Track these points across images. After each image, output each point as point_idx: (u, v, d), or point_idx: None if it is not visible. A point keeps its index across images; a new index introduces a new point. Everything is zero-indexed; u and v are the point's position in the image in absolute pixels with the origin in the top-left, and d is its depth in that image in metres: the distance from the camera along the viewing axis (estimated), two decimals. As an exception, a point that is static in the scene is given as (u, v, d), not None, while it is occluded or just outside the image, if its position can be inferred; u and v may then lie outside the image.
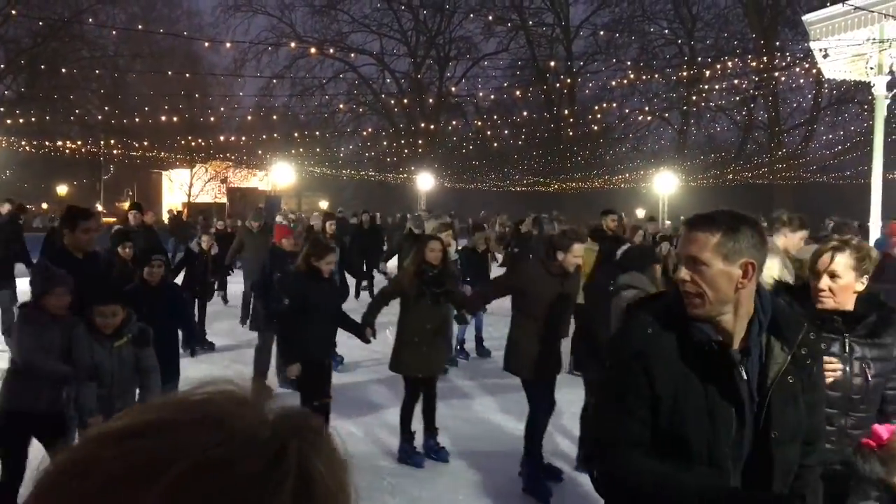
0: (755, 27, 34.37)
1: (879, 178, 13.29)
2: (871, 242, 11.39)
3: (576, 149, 30.88)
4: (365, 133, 36.74)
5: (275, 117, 27.18)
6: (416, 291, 5.32)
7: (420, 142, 30.24)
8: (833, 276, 2.74)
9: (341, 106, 36.88)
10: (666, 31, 38.96)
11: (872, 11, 11.10)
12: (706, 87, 22.84)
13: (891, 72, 13.16)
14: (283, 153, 29.68)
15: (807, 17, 13.81)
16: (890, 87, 13.57)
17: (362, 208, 18.17)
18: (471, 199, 39.80)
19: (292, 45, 31.61)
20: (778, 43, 25.57)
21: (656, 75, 24.47)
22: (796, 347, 1.88)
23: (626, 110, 32.88)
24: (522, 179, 34.01)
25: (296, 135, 27.88)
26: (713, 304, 1.82)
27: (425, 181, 31.84)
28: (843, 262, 2.74)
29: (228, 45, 18.38)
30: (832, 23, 12.76)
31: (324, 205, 31.93)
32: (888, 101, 14.24)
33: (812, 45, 13.71)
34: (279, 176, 27.19)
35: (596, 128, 25.32)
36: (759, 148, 33.61)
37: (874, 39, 12.32)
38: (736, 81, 22.77)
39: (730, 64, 19.32)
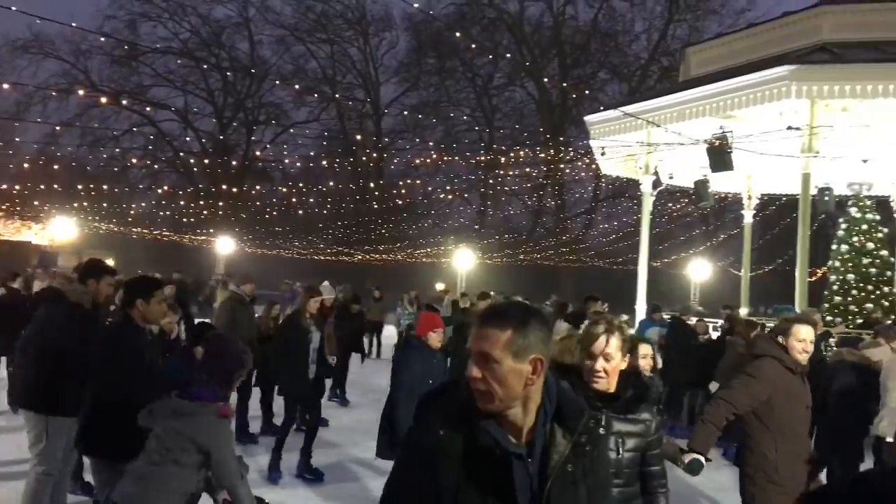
0: (545, 122, 37.74)
1: (645, 265, 14.91)
2: (637, 323, 12.65)
3: (381, 221, 31.48)
4: (161, 191, 34.82)
5: (56, 167, 24.91)
6: None
7: (221, 204, 29.20)
8: (607, 358, 2.88)
9: (134, 160, 34.79)
10: (467, 118, 41.58)
11: (640, 118, 12.56)
12: (502, 172, 24.57)
13: (655, 172, 14.96)
14: (64, 206, 27.20)
15: (588, 118, 15.44)
16: (655, 185, 15.39)
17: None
18: (272, 266, 38.81)
19: (81, 92, 29.49)
20: (561, 138, 28.24)
21: (456, 157, 25.85)
22: (577, 435, 1.88)
23: (430, 188, 34.31)
24: (327, 249, 33.90)
25: (80, 187, 25.74)
26: (503, 401, 1.79)
27: (225, 245, 30.62)
28: (615, 344, 2.90)
29: (6, 86, 16.66)
30: (608, 125, 14.34)
31: (109, 263, 29.49)
32: (653, 198, 16.16)
33: (592, 143, 15.26)
34: (58, 230, 24.79)
35: (401, 202, 26.09)
36: (547, 232, 36.41)
37: (643, 143, 13.95)
38: (528, 169, 24.68)
39: (522, 154, 20.90)
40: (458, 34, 31.86)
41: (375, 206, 29.71)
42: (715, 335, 11.63)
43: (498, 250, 33.16)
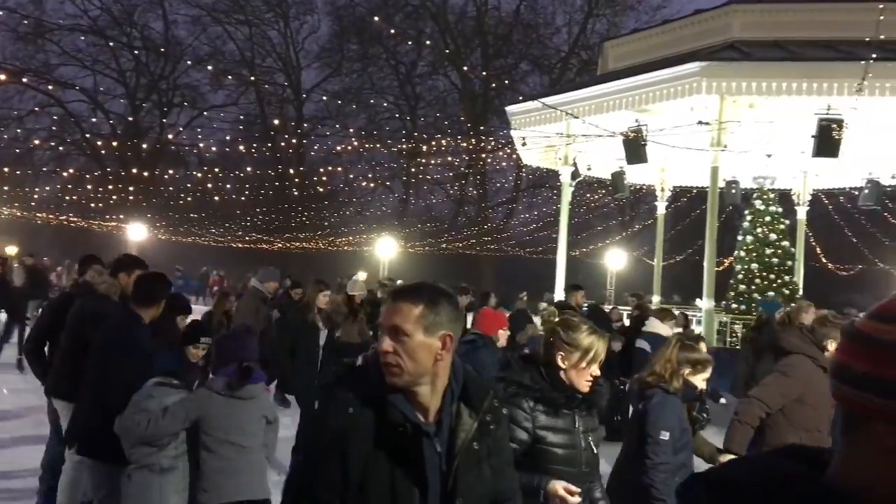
0: (468, 112, 37.93)
1: (564, 254, 15.21)
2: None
3: (301, 209, 30.93)
4: (67, 174, 33.15)
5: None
6: None
7: (132, 189, 28.04)
8: (600, 364, 2.96)
9: (37, 142, 32.96)
10: (390, 106, 41.34)
11: (559, 110, 12.74)
12: (424, 160, 24.55)
13: (574, 163, 15.25)
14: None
15: (509, 109, 15.58)
16: (573, 176, 15.69)
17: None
18: (188, 254, 37.66)
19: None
20: (483, 127, 28.44)
21: (378, 145, 25.66)
22: (482, 414, 1.95)
23: (352, 175, 33.95)
24: (245, 236, 33.10)
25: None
26: (412, 375, 1.83)
27: (137, 231, 29.45)
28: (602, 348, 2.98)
29: None
30: (529, 115, 14.50)
31: (11, 250, 27.87)
32: (572, 189, 16.48)
33: (513, 133, 15.42)
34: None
35: (322, 190, 25.71)
36: (469, 221, 36.68)
37: (562, 134, 14.18)
38: (450, 158, 24.75)
39: (444, 142, 20.93)
40: (379, 20, 31.55)
41: (296, 193, 29.18)
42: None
43: (420, 239, 33.18)
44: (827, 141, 10.91)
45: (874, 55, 9.58)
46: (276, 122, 32.94)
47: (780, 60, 11.27)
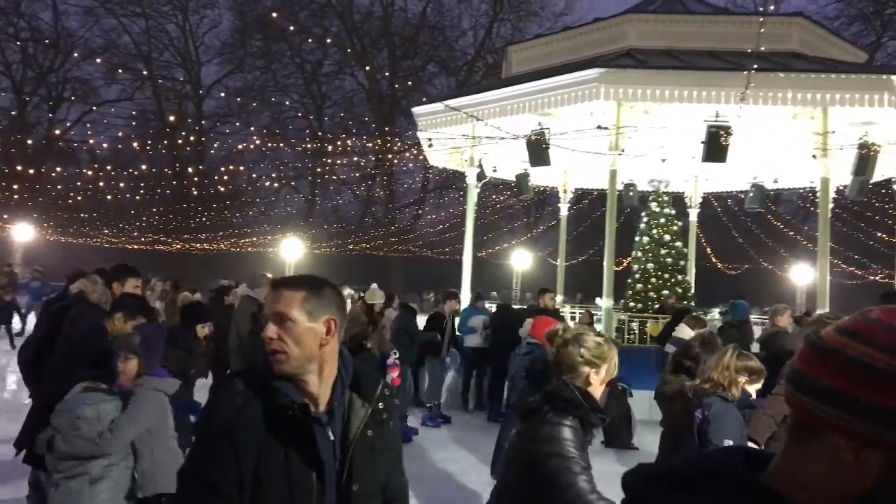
0: (375, 112, 37.77)
1: (470, 254, 15.37)
2: (462, 311, 12.99)
3: (201, 209, 29.91)
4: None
5: None
6: None
7: (17, 187, 26.35)
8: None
9: None
10: (295, 104, 40.60)
11: (464, 112, 12.86)
12: (331, 161, 24.24)
13: (480, 165, 15.43)
14: None
15: (416, 110, 15.59)
16: (479, 177, 15.88)
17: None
18: (79, 255, 35.71)
19: None
20: (389, 128, 28.35)
21: (282, 144, 25.14)
22: (374, 402, 1.98)
23: (255, 175, 33.12)
24: (141, 237, 31.71)
25: None
26: (298, 361, 1.85)
27: (23, 232, 27.72)
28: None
29: None
30: (436, 117, 14.56)
31: None
32: (478, 190, 16.67)
33: (420, 134, 15.45)
34: None
35: (223, 189, 24.94)
36: (377, 222, 36.52)
37: (468, 136, 14.32)
38: (356, 158, 24.57)
39: (349, 142, 20.74)
40: (283, 17, 30.93)
41: (195, 193, 28.21)
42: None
43: (327, 240, 32.76)
44: (715, 147, 11.48)
45: (755, 66, 10.15)
46: (172, 118, 31.70)
47: (673, 69, 11.78)
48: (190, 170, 28.03)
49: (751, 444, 4.21)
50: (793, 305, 24.77)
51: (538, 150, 12.73)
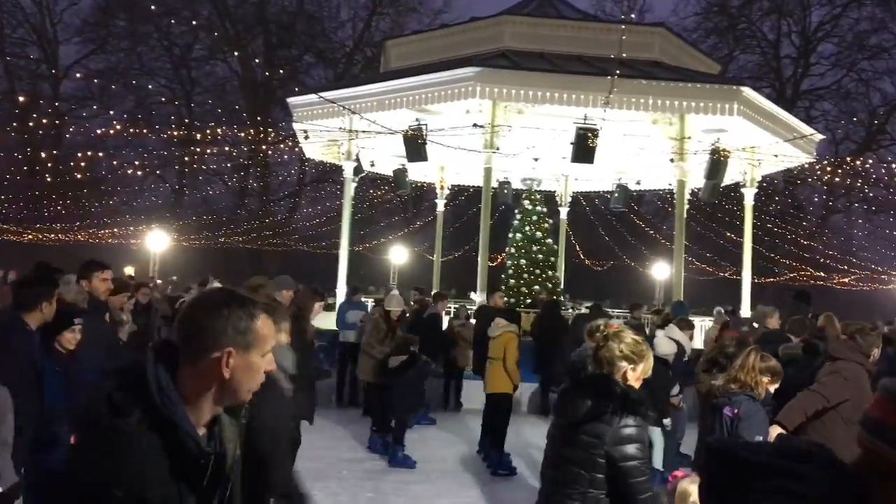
0: (250, 101, 36.59)
1: (346, 249, 15.25)
2: (337, 306, 12.85)
3: (56, 197, 27.84)
4: None
5: None
6: None
7: None
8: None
9: None
10: (162, 89, 38.58)
11: (339, 105, 12.72)
12: (201, 150, 23.25)
13: (357, 159, 15.32)
14: None
15: (291, 101, 15.24)
16: (357, 171, 15.75)
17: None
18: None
19: None
20: (261, 118, 27.50)
21: (146, 131, 23.84)
22: (241, 417, 1.81)
23: (116, 162, 31.23)
24: (-14, 226, 29.14)
25: None
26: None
27: None
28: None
29: None
30: (312, 108, 14.30)
31: None
32: (355, 184, 16.54)
33: (295, 125, 15.14)
34: None
35: (80, 176, 23.31)
36: (251, 214, 35.39)
37: (344, 129, 14.18)
38: (227, 148, 23.69)
39: (219, 131, 19.98)
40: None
41: (49, 180, 26.22)
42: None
43: (196, 232, 31.41)
44: (583, 148, 11.99)
45: (618, 72, 10.67)
46: (21, 98, 29.24)
47: (544, 71, 12.17)
48: (44, 154, 26.01)
49: (779, 429, 4.54)
50: (652, 300, 26.33)
51: (415, 145, 12.80)
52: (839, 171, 19.16)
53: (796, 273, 29.58)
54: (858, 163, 19.53)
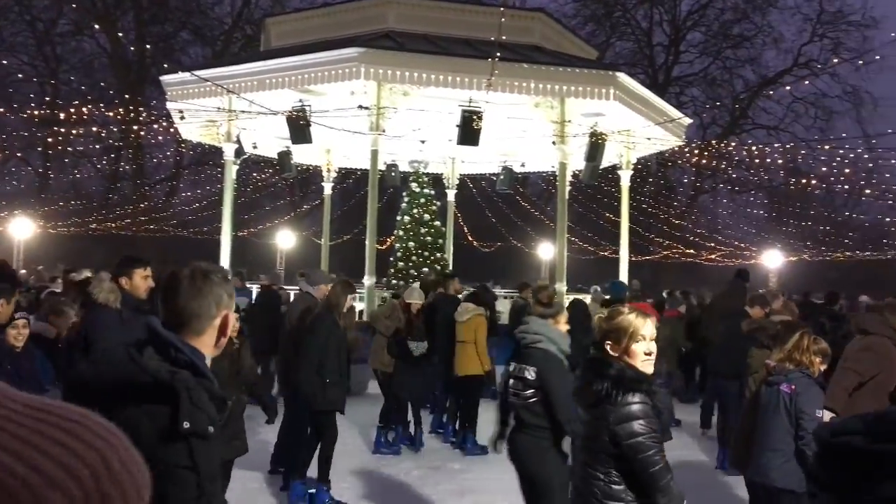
0: (120, 79, 34.52)
1: (228, 234, 14.73)
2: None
3: None
4: None
5: None
6: None
7: None
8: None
9: None
10: (24, 66, 35.71)
11: (216, 84, 12.24)
12: (66, 130, 21.69)
13: (238, 140, 14.79)
14: None
15: (165, 79, 14.49)
16: (238, 154, 15.21)
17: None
18: None
19: None
20: (134, 97, 25.97)
21: (5, 111, 22.03)
22: None
23: (-28, 144, 28.72)
24: None
25: None
26: None
27: None
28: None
29: None
30: (187, 87, 13.66)
31: None
32: (237, 167, 15.98)
33: (170, 105, 14.42)
34: None
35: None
36: (124, 199, 33.54)
37: (223, 109, 13.64)
38: (96, 129, 22.25)
39: (84, 110, 18.75)
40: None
41: None
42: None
43: (64, 218, 29.47)
44: (469, 130, 12.11)
45: (498, 55, 10.81)
46: None
47: (429, 53, 12.18)
48: None
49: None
50: (538, 279, 27.14)
51: (299, 127, 12.51)
52: (706, 153, 20.37)
53: (669, 251, 31.31)
54: (723, 146, 20.84)
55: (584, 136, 13.39)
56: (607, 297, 10.51)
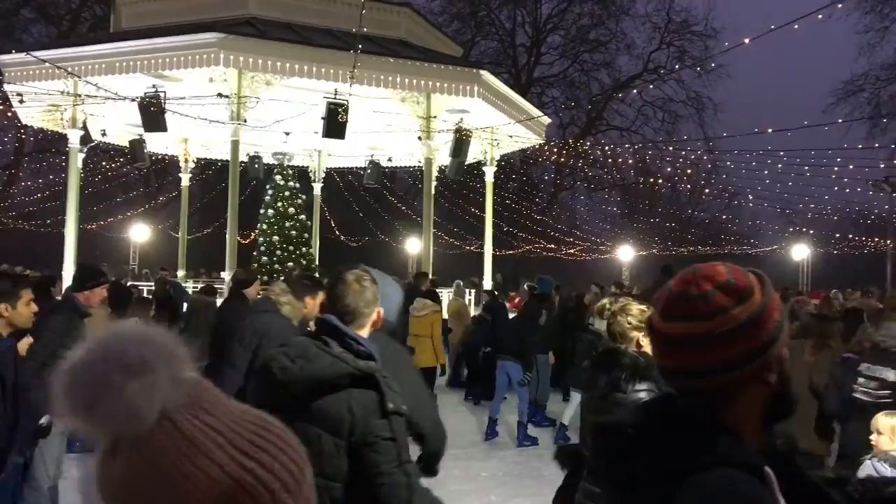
0: (-51, 56, 31.30)
1: (74, 227, 13.72)
2: (63, 289, 11.57)
3: None
4: None
5: None
6: None
7: None
8: None
9: None
10: None
11: (59, 66, 11.43)
12: None
13: (84, 127, 13.82)
14: None
15: (2, 58, 13.30)
16: (84, 141, 14.21)
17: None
18: None
19: None
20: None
21: None
22: None
23: None
24: None
25: None
26: None
27: None
28: None
29: None
30: (27, 69, 12.61)
31: None
32: (83, 155, 14.93)
33: (7, 87, 13.27)
34: None
35: None
36: (-46, 189, 30.47)
37: (68, 93, 12.72)
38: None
39: None
40: None
41: None
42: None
43: None
44: (334, 123, 11.96)
45: (360, 47, 10.75)
46: None
47: (292, 42, 11.90)
48: None
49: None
50: (404, 274, 27.30)
51: (152, 114, 11.88)
52: (564, 152, 21.29)
53: (531, 246, 32.49)
54: (580, 145, 21.85)
55: (450, 133, 13.60)
56: (536, 291, 10.64)
